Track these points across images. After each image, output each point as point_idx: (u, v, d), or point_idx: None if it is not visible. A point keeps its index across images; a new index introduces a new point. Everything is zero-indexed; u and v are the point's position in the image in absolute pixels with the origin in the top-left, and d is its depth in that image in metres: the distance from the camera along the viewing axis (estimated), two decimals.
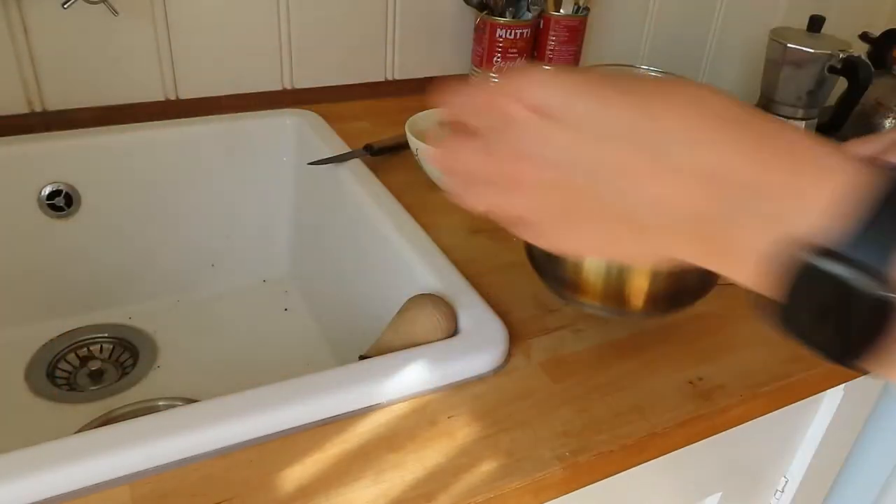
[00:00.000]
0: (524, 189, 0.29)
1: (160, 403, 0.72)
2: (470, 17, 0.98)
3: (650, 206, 0.27)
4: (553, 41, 1.00)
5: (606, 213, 0.28)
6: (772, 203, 0.26)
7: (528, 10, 0.96)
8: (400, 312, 0.53)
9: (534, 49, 1.00)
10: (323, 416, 0.46)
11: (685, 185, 0.27)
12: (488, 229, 0.70)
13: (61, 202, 0.77)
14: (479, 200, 0.32)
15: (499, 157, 0.30)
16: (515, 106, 0.29)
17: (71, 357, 0.76)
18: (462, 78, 1.01)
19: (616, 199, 0.28)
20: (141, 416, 0.43)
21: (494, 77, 0.30)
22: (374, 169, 0.76)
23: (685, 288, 0.50)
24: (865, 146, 0.39)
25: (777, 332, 0.27)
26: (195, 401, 0.72)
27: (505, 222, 0.32)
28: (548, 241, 0.31)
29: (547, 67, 0.31)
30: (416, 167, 0.76)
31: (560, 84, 0.28)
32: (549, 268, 0.52)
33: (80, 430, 0.67)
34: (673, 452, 0.51)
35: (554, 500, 0.47)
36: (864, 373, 0.27)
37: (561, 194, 0.29)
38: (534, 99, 0.29)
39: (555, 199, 0.29)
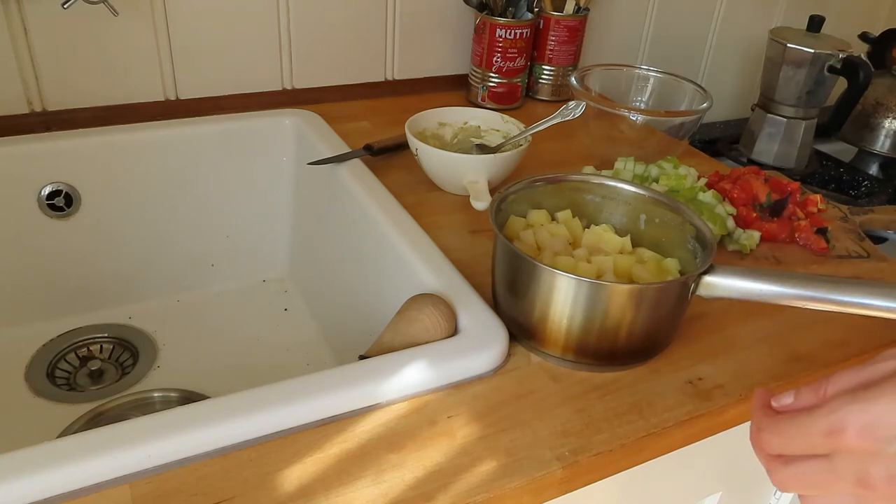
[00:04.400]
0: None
1: (155, 395, 0.72)
2: (470, 17, 0.98)
3: None
4: (553, 41, 1.00)
5: None
6: None
7: (528, 10, 0.96)
8: (400, 312, 0.53)
9: (533, 49, 1.01)
10: (323, 416, 0.46)
11: None
12: (488, 229, 0.70)
13: (61, 202, 0.77)
14: None
15: (851, 480, 0.32)
16: (849, 440, 0.32)
17: (71, 357, 0.76)
18: (461, 78, 1.02)
19: None
20: (130, 411, 0.43)
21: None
22: (374, 169, 0.76)
23: (644, 347, 0.54)
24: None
25: None
26: (189, 392, 0.72)
27: None
28: None
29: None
30: (416, 167, 0.76)
31: (883, 413, 0.31)
32: (512, 318, 0.55)
33: (72, 425, 0.68)
34: (672, 452, 0.51)
35: (553, 500, 0.47)
36: None
37: None
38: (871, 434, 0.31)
39: None
